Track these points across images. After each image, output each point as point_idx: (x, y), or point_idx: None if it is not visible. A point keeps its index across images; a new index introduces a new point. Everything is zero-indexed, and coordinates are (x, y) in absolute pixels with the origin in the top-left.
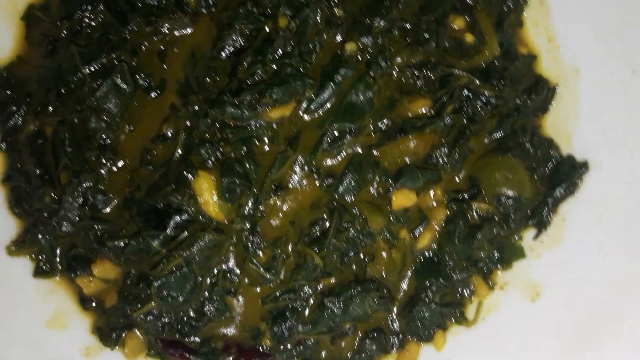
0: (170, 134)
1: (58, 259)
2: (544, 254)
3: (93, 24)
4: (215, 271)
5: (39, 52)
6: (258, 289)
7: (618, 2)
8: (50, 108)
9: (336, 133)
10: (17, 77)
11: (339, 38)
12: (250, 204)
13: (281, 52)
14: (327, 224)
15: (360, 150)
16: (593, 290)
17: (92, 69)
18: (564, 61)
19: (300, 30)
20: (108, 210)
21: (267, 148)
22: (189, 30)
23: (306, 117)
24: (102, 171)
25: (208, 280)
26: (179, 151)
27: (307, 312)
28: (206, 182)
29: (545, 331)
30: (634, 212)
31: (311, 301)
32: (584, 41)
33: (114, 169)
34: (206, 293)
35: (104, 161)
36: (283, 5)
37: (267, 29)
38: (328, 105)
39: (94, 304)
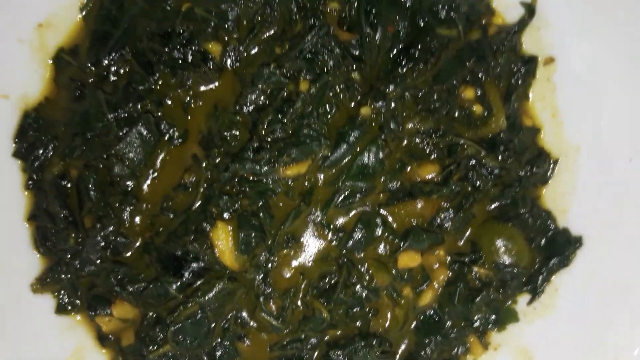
0: (190, 184)
1: (79, 298)
2: (537, 321)
3: (120, 71)
4: (228, 317)
5: (67, 95)
6: (267, 337)
7: (621, 92)
8: (77, 152)
9: (348, 191)
10: (45, 119)
11: (355, 101)
12: (264, 255)
13: (300, 113)
14: (336, 278)
15: (369, 209)
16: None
17: (118, 116)
18: (566, 137)
19: (319, 94)
20: (128, 254)
21: (281, 202)
22: (213, 85)
23: (320, 174)
24: (124, 215)
25: (221, 325)
26: (199, 201)
27: None
28: (223, 232)
29: None
30: (622, 289)
31: (317, 352)
32: (586, 122)
33: (136, 213)
34: (218, 338)
35: (126, 206)
36: (305, 69)
37: (288, 89)
38: (341, 164)
39: (112, 341)
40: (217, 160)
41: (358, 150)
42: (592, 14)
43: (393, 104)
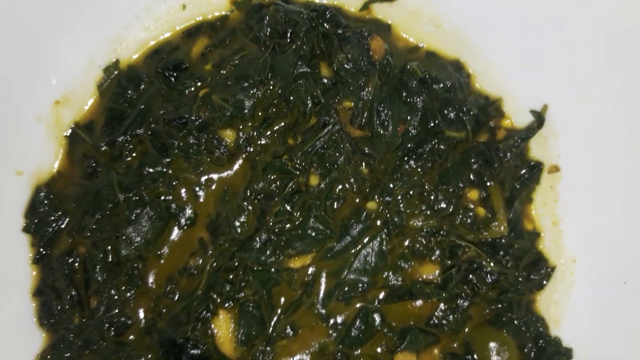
0: (196, 268)
1: None
2: None
3: (134, 152)
4: None
5: (79, 171)
6: None
7: (622, 213)
8: (86, 231)
9: (349, 285)
10: (56, 194)
11: (361, 195)
12: (262, 345)
13: (308, 206)
14: None
15: (369, 304)
16: None
17: (129, 198)
18: (564, 246)
19: (328, 188)
20: (130, 336)
21: (283, 292)
22: (225, 173)
23: (323, 269)
24: (129, 296)
25: None
26: (202, 287)
27: None
28: (225, 322)
29: None
30: None
31: None
32: (585, 236)
33: (141, 295)
34: None
35: (131, 287)
36: (315, 164)
37: (297, 181)
38: (344, 256)
39: None
40: (224, 247)
41: (362, 243)
42: (601, 131)
43: (399, 200)
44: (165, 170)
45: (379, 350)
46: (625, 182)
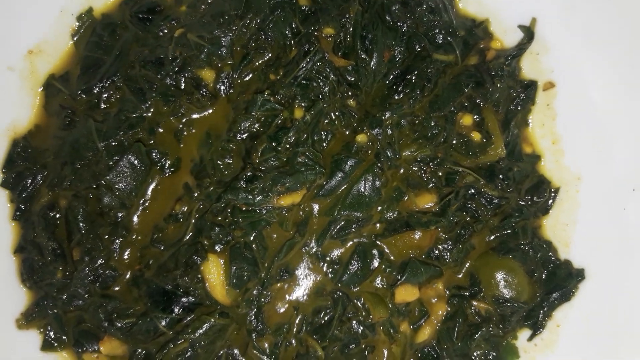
0: (182, 214)
1: (66, 334)
2: (537, 357)
3: (112, 99)
4: (220, 354)
5: (57, 123)
6: None
7: (624, 119)
8: (66, 182)
9: (344, 221)
10: (34, 148)
11: (350, 128)
12: (256, 289)
13: (295, 141)
14: (331, 313)
15: (366, 240)
16: None
17: (109, 145)
18: (566, 166)
19: (314, 121)
20: (117, 287)
21: (275, 233)
22: (206, 112)
23: (315, 204)
24: (114, 247)
25: None
26: (190, 232)
27: None
28: (215, 266)
29: None
30: (626, 324)
31: None
32: (588, 150)
33: (125, 245)
34: None
35: (115, 237)
36: (299, 96)
37: (282, 117)
38: (337, 193)
39: None
40: (210, 190)
41: (354, 178)
42: (592, 39)
43: (389, 131)
44: (144, 115)
45: (379, 286)
46: (625, 87)
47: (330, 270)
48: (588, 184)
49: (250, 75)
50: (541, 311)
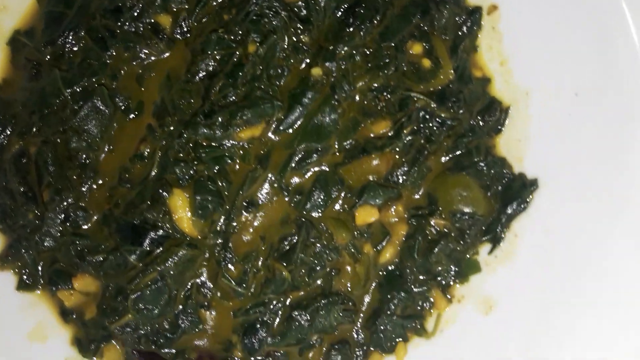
0: (146, 154)
1: (40, 273)
2: (498, 269)
3: (75, 49)
4: (189, 285)
5: (24, 75)
6: (230, 303)
7: (563, 30)
8: (34, 129)
9: (304, 152)
10: (2, 100)
11: (305, 63)
12: (222, 220)
13: (251, 76)
14: (296, 239)
15: (326, 169)
16: (544, 303)
17: (74, 91)
18: (515, 84)
19: (268, 55)
20: (88, 226)
21: (238, 167)
22: (165, 56)
23: (275, 137)
24: (83, 189)
25: (182, 294)
26: (155, 170)
27: (276, 324)
28: (180, 199)
29: (499, 343)
30: (580, 230)
31: (280, 314)
32: (533, 66)
33: (94, 186)
34: (180, 306)
35: (84, 179)
36: (252, 32)
37: (237, 54)
38: (296, 126)
39: (74, 317)
40: (171, 128)
41: (312, 111)
42: None
43: (343, 64)
44: (107, 62)
45: (340, 210)
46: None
47: (294, 199)
48: (536, 98)
49: (206, 18)
50: (499, 224)
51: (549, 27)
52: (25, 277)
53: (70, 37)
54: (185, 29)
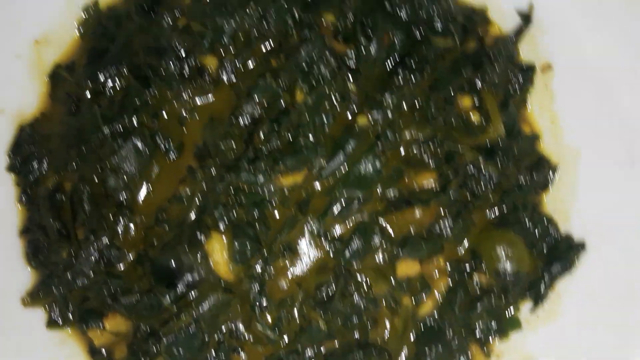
0: (186, 195)
1: (70, 311)
2: (540, 328)
3: (116, 86)
4: (223, 329)
5: (63, 110)
6: (262, 349)
7: (619, 95)
8: (71, 165)
9: (345, 200)
10: (40, 134)
11: (351, 111)
12: (259, 265)
13: (296, 123)
14: (333, 288)
15: (367, 218)
16: None
17: (113, 129)
18: (566, 143)
19: (315, 104)
20: (122, 266)
21: (277, 212)
22: (209, 97)
23: (317, 184)
24: (118, 228)
25: (215, 338)
26: (194, 212)
27: None
28: (218, 243)
29: None
30: (626, 293)
31: None
32: (586, 127)
33: (130, 225)
34: (213, 351)
35: (120, 218)
36: (300, 80)
37: (284, 101)
38: (338, 173)
39: (104, 356)
40: (213, 171)
41: (355, 159)
42: (587, 20)
43: (390, 113)
44: (148, 100)
45: (380, 261)
46: (621, 64)
47: (332, 247)
48: (587, 158)
49: (253, 62)
50: (543, 282)
51: (606, 90)
52: (55, 314)
53: (113, 74)
54: (231, 72)
